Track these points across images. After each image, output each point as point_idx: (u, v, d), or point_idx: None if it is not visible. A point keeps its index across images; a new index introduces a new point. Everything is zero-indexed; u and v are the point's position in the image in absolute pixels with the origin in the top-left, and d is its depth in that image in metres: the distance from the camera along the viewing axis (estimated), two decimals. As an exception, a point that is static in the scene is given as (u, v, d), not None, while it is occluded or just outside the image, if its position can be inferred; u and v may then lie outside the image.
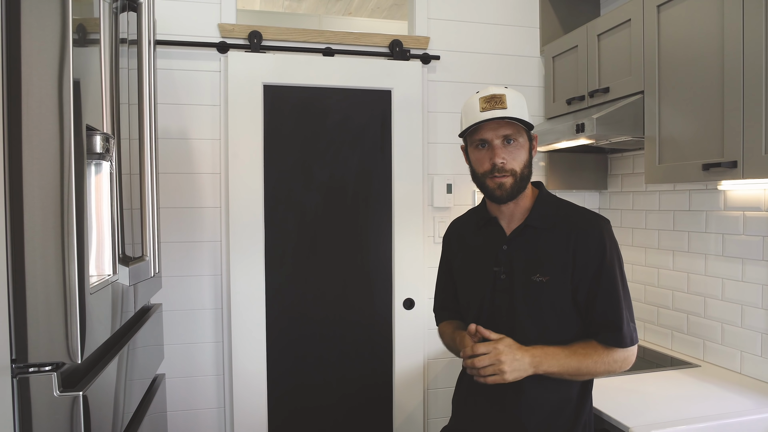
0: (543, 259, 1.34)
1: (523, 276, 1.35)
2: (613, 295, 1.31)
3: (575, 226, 1.34)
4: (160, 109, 2.20)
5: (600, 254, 1.32)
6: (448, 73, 2.50)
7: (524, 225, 1.39)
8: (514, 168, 1.33)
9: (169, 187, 2.23)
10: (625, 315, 1.31)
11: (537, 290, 1.33)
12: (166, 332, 2.25)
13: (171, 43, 2.18)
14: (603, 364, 1.31)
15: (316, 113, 2.35)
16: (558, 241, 1.34)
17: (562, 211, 1.40)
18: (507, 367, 1.25)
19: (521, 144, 1.34)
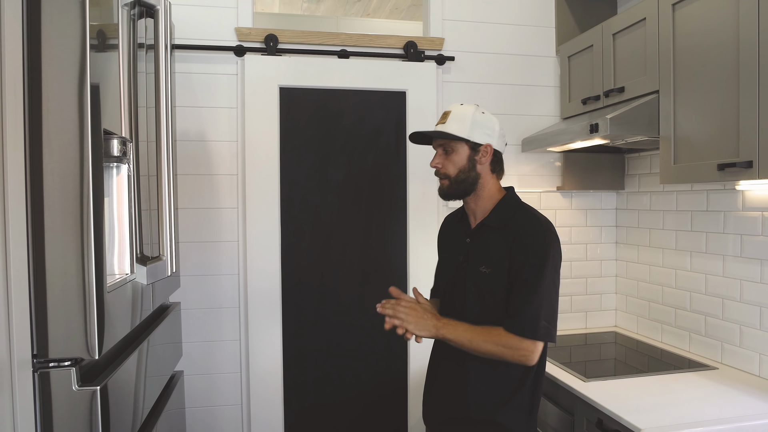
0: (489, 254, 1.54)
1: (474, 266, 1.57)
2: (528, 290, 1.46)
3: (518, 229, 1.52)
4: (179, 112, 2.25)
5: (530, 254, 1.48)
6: (462, 74, 2.51)
7: (481, 223, 1.60)
8: (447, 173, 1.57)
9: (188, 188, 2.27)
10: (532, 310, 1.44)
11: (482, 279, 1.54)
12: (185, 330, 2.29)
13: (189, 48, 2.23)
14: (492, 344, 1.46)
15: (331, 115, 2.37)
16: (503, 240, 1.53)
17: (516, 214, 1.56)
18: (412, 320, 1.49)
19: (457, 152, 1.55)
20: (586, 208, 2.66)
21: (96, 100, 1.14)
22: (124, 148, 1.28)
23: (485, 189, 1.59)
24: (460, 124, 1.53)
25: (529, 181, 2.60)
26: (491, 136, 1.56)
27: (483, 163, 1.56)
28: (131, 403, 1.35)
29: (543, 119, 2.60)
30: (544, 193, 2.61)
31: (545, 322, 1.45)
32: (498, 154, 1.61)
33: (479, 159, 1.55)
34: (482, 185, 1.58)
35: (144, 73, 1.52)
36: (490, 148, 1.56)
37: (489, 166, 1.58)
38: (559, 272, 1.53)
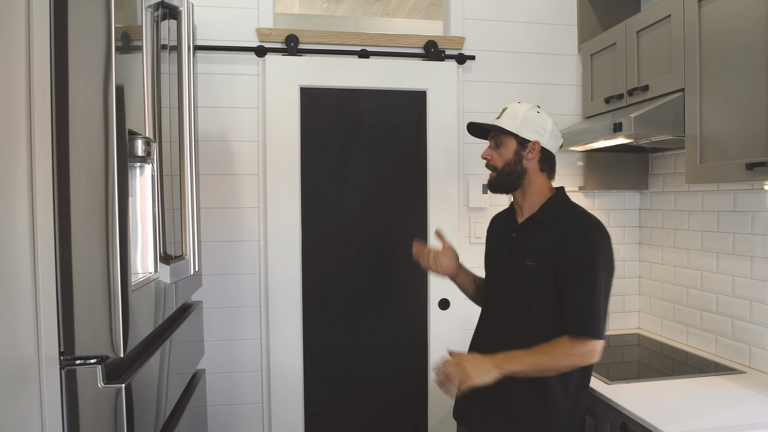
0: (536, 248, 1.57)
1: (519, 259, 1.60)
2: (585, 289, 1.48)
3: (567, 226, 1.55)
4: (201, 113, 2.27)
5: (579, 252, 1.50)
6: (483, 73, 2.49)
7: (529, 218, 1.63)
8: (495, 165, 1.64)
9: (209, 188, 2.29)
10: (595, 310, 1.47)
11: (526, 272, 1.57)
12: (207, 329, 2.31)
13: (211, 48, 2.24)
14: (564, 357, 1.47)
15: (351, 114, 2.38)
16: (551, 235, 1.55)
17: (565, 212, 1.60)
18: (471, 371, 1.44)
19: (505, 146, 1.62)
20: (608, 208, 2.62)
21: (121, 101, 1.15)
22: (148, 148, 1.30)
23: (533, 185, 1.63)
24: (512, 120, 1.60)
25: (550, 181, 2.57)
26: (541, 135, 1.60)
27: (530, 159, 1.60)
28: (155, 401, 1.37)
29: (565, 118, 2.57)
30: (567, 193, 2.57)
31: (603, 323, 1.49)
32: (548, 154, 1.63)
33: (526, 155, 1.60)
34: (529, 181, 1.62)
35: (167, 74, 1.54)
36: (537, 145, 1.59)
37: (537, 164, 1.62)
38: (613, 272, 1.54)
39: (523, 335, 1.57)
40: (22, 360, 0.96)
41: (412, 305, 2.45)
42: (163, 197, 1.45)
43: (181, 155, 1.51)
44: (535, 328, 1.56)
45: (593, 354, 1.48)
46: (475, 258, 2.50)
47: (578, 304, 1.48)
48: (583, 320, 1.47)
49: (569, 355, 1.47)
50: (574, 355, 1.47)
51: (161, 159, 1.43)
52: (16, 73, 0.95)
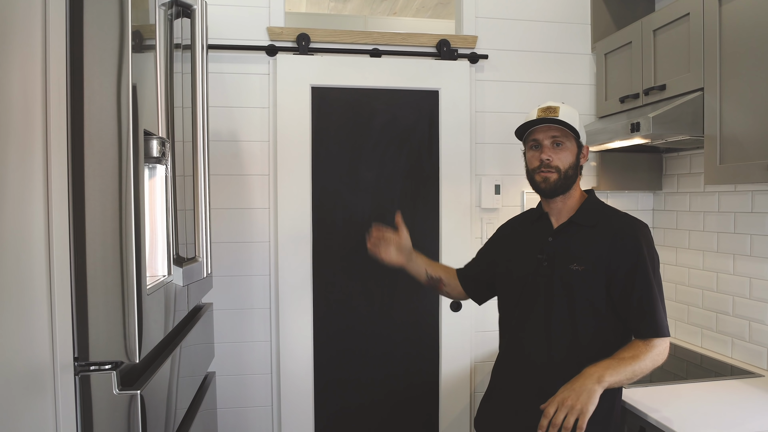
0: (581, 252, 1.52)
1: (563, 264, 1.53)
2: (649, 290, 1.46)
3: (614, 226, 1.52)
4: (211, 112, 2.25)
5: (635, 253, 1.47)
6: (496, 73, 2.46)
7: (569, 221, 1.57)
8: (558, 165, 1.53)
9: (219, 188, 2.27)
10: (660, 310, 1.46)
11: (573, 277, 1.51)
12: (217, 331, 2.29)
13: (222, 48, 2.22)
14: (650, 361, 1.44)
15: (363, 114, 2.35)
16: (597, 237, 1.52)
17: (605, 213, 1.58)
18: (578, 403, 1.35)
19: (568, 147, 1.54)
20: (622, 209, 2.58)
21: (135, 101, 1.13)
22: (163, 148, 1.27)
23: (576, 189, 1.61)
24: (572, 120, 1.53)
25: (563, 182, 2.54)
26: (585, 140, 1.60)
27: (583, 163, 1.60)
28: (167, 406, 1.35)
29: (578, 118, 2.53)
30: (579, 194, 2.54)
31: (665, 317, 1.48)
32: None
33: (581, 159, 1.58)
34: (575, 185, 1.59)
35: (180, 73, 1.51)
36: (587, 150, 1.61)
37: (579, 168, 1.60)
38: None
39: (565, 337, 1.52)
40: (37, 366, 0.94)
41: (423, 307, 2.42)
42: (176, 198, 1.43)
43: (194, 156, 1.48)
44: (580, 332, 1.51)
45: (666, 352, 1.47)
46: (487, 259, 2.47)
47: (644, 306, 1.46)
48: (652, 321, 1.45)
49: (654, 356, 1.44)
50: (657, 356, 1.45)
51: (174, 159, 1.41)
52: (32, 73, 0.93)
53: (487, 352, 2.47)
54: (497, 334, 2.44)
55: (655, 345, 1.44)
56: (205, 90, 1.52)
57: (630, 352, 1.44)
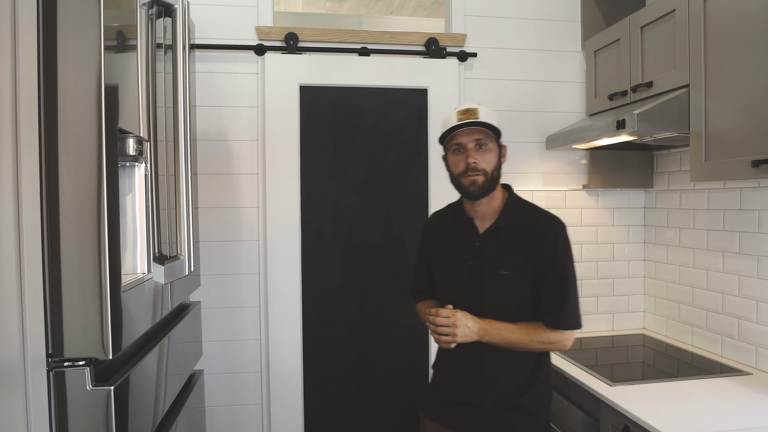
0: (507, 257, 1.57)
1: (492, 269, 1.57)
2: (560, 287, 1.54)
3: (533, 229, 1.56)
4: (199, 112, 2.26)
5: (551, 252, 1.54)
6: (485, 71, 2.46)
7: (494, 227, 1.60)
8: (485, 168, 1.54)
9: (208, 187, 2.28)
10: (570, 304, 1.54)
11: (502, 282, 1.56)
12: (207, 329, 2.30)
13: (210, 47, 2.23)
14: (539, 343, 1.54)
15: (351, 113, 2.35)
16: (519, 241, 1.56)
17: (525, 214, 1.61)
18: (459, 332, 1.50)
19: (491, 149, 1.55)
20: (613, 206, 2.58)
21: (113, 100, 1.13)
22: (140, 147, 1.28)
23: (498, 189, 1.62)
24: (492, 121, 1.54)
25: (553, 180, 2.54)
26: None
27: (504, 161, 1.61)
28: (149, 402, 1.35)
29: (568, 116, 2.53)
30: (570, 192, 2.54)
31: (578, 312, 1.56)
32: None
33: (502, 159, 1.60)
34: (497, 186, 1.61)
35: (163, 73, 1.52)
36: (505, 149, 1.62)
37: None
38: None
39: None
40: (6, 362, 0.95)
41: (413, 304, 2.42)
42: (158, 197, 1.44)
43: (176, 154, 1.49)
44: None
45: (567, 342, 1.55)
46: (477, 257, 2.47)
47: (559, 300, 1.53)
48: (565, 316, 1.53)
49: (547, 342, 1.54)
50: (551, 343, 1.54)
51: (156, 158, 1.41)
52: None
53: (478, 351, 2.47)
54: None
55: (555, 334, 1.53)
56: (187, 89, 1.53)
57: (529, 328, 1.54)
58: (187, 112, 1.52)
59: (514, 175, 2.49)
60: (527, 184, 2.51)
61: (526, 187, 2.50)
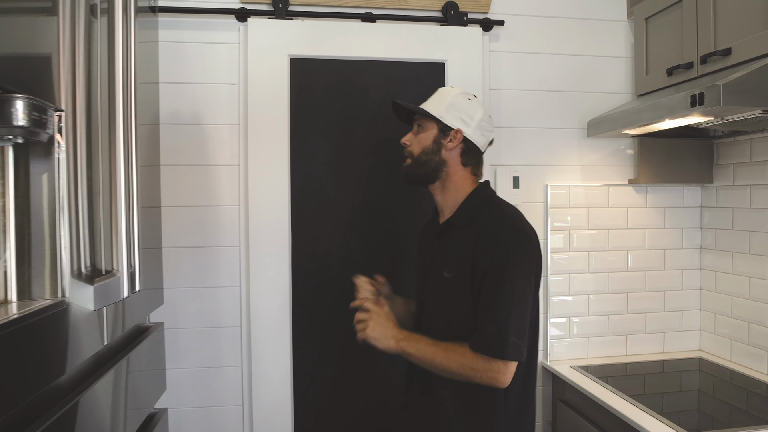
0: (452, 257, 1.40)
1: (437, 271, 1.43)
2: (493, 300, 1.30)
3: (482, 230, 1.36)
4: (169, 90, 1.86)
5: (494, 256, 1.31)
6: (514, 42, 2.05)
7: (447, 222, 1.46)
8: (412, 150, 1.47)
9: (178, 181, 1.88)
10: (498, 324, 1.28)
11: (443, 285, 1.40)
12: (177, 354, 1.90)
13: (180, 11, 1.83)
14: (459, 366, 1.31)
15: (353, 92, 1.95)
16: (467, 241, 1.38)
17: (482, 212, 1.42)
18: (371, 329, 1.40)
19: (426, 131, 1.46)
20: (664, 205, 2.17)
21: None
22: (43, 117, 0.88)
23: (451, 180, 1.45)
24: (437, 103, 1.46)
25: (594, 173, 2.12)
26: (467, 124, 1.43)
27: (450, 148, 1.43)
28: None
29: (611, 97, 2.12)
30: (614, 188, 2.13)
31: (515, 338, 1.28)
32: (472, 147, 1.45)
33: (446, 143, 1.43)
34: (448, 175, 1.45)
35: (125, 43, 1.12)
36: (460, 134, 1.43)
37: (459, 157, 1.45)
38: (534, 278, 1.36)
39: None
40: None
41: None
42: (90, 192, 1.05)
43: (111, 136, 1.10)
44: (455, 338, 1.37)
45: (499, 375, 1.28)
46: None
47: (485, 316, 1.30)
48: (488, 336, 1.28)
49: (468, 368, 1.29)
50: (473, 370, 1.29)
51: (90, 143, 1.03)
52: None
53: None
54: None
55: (479, 360, 1.28)
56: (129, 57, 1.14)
57: (449, 348, 1.33)
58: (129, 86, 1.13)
59: (547, 168, 2.09)
60: (563, 178, 2.10)
61: (561, 181, 2.10)
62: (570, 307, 2.12)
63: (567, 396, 1.96)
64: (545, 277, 2.09)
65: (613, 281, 2.14)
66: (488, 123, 1.46)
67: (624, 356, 2.15)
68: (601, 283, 2.13)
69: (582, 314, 2.12)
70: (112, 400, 1.23)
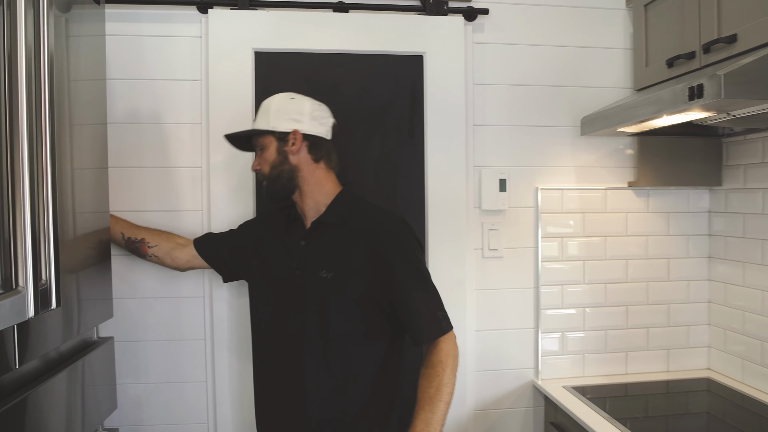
0: (331, 256, 1.40)
1: (313, 272, 1.40)
2: (417, 292, 1.37)
3: (370, 228, 1.40)
4: (128, 87, 1.74)
5: (403, 254, 1.37)
6: (500, 33, 1.89)
7: (318, 221, 1.44)
8: (263, 170, 1.45)
9: (137, 184, 1.76)
10: (428, 309, 1.36)
11: (323, 285, 1.38)
12: (135, 369, 1.78)
13: (139, 2, 1.72)
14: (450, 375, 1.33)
15: (323, 88, 1.80)
16: (347, 238, 1.40)
17: (358, 209, 1.44)
18: None
19: (267, 148, 1.44)
20: (668, 210, 1.99)
21: None
22: None
23: (310, 181, 1.44)
24: (264, 117, 1.44)
25: (590, 175, 1.95)
26: (299, 121, 1.41)
27: (295, 152, 1.42)
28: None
29: (608, 92, 1.95)
30: (612, 191, 1.96)
31: (440, 312, 1.38)
32: (315, 140, 1.43)
33: (290, 149, 1.41)
34: (304, 178, 1.44)
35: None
36: (298, 134, 1.41)
37: (308, 155, 1.43)
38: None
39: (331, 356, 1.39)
40: None
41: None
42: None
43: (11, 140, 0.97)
44: (338, 356, 1.39)
45: (454, 347, 1.37)
46: (492, 278, 1.91)
47: (416, 309, 1.35)
48: (426, 323, 1.35)
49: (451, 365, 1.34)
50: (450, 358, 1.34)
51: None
52: None
53: (495, 397, 1.91)
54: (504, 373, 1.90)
55: (441, 349, 1.34)
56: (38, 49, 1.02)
57: (430, 384, 1.32)
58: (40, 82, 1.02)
59: (538, 170, 1.92)
60: (555, 181, 1.93)
61: (553, 184, 1.93)
62: (564, 322, 1.95)
63: (559, 419, 1.79)
64: (536, 288, 1.93)
65: (612, 293, 1.96)
66: (321, 110, 1.45)
67: (624, 375, 1.97)
68: (598, 295, 1.96)
69: (577, 329, 1.95)
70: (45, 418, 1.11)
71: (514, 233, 1.92)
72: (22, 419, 1.09)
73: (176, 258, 1.63)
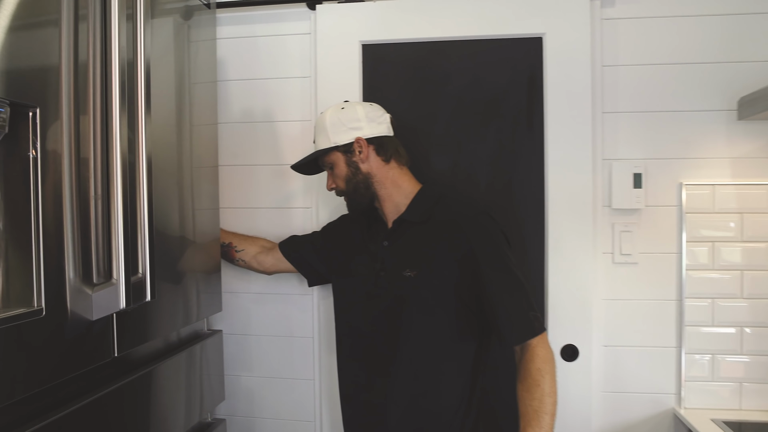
0: (414, 254, 1.36)
1: (397, 271, 1.37)
2: (506, 288, 1.30)
3: (449, 218, 1.36)
4: (243, 87, 1.80)
5: (490, 247, 1.32)
6: (633, 5, 1.65)
7: (400, 219, 1.41)
8: (340, 188, 1.45)
9: (252, 182, 1.81)
10: (520, 307, 1.29)
11: (406, 285, 1.35)
12: (244, 363, 1.83)
13: (252, 4, 1.76)
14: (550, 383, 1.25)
15: (432, 78, 1.71)
16: (430, 233, 1.36)
17: (441, 203, 1.40)
18: None
19: (336, 164, 1.43)
20: None
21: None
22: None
23: (386, 185, 1.43)
24: (322, 135, 1.43)
25: (750, 168, 1.63)
26: (358, 128, 1.40)
27: (364, 159, 1.41)
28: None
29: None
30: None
31: (532, 312, 1.30)
32: (380, 140, 1.41)
33: (358, 158, 1.41)
34: (380, 182, 1.42)
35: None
36: (362, 141, 1.40)
37: (378, 158, 1.41)
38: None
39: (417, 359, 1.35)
40: None
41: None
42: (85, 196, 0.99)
43: (108, 134, 1.01)
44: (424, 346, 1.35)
45: (549, 350, 1.29)
46: (623, 286, 1.67)
47: (508, 303, 1.29)
48: (517, 322, 1.28)
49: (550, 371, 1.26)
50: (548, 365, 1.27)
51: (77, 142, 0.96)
52: None
53: (627, 421, 1.68)
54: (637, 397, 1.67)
55: (537, 354, 1.26)
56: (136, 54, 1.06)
57: (532, 396, 1.24)
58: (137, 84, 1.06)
59: (682, 162, 1.65)
60: (704, 175, 1.64)
61: (701, 179, 1.64)
62: (716, 342, 1.65)
63: (705, 456, 1.51)
64: (679, 300, 1.66)
65: (779, 310, 1.62)
66: (374, 110, 1.43)
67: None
68: (761, 313, 1.63)
69: (733, 352, 1.64)
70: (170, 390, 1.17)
71: (651, 236, 1.66)
72: (148, 388, 1.17)
73: (262, 262, 1.66)
